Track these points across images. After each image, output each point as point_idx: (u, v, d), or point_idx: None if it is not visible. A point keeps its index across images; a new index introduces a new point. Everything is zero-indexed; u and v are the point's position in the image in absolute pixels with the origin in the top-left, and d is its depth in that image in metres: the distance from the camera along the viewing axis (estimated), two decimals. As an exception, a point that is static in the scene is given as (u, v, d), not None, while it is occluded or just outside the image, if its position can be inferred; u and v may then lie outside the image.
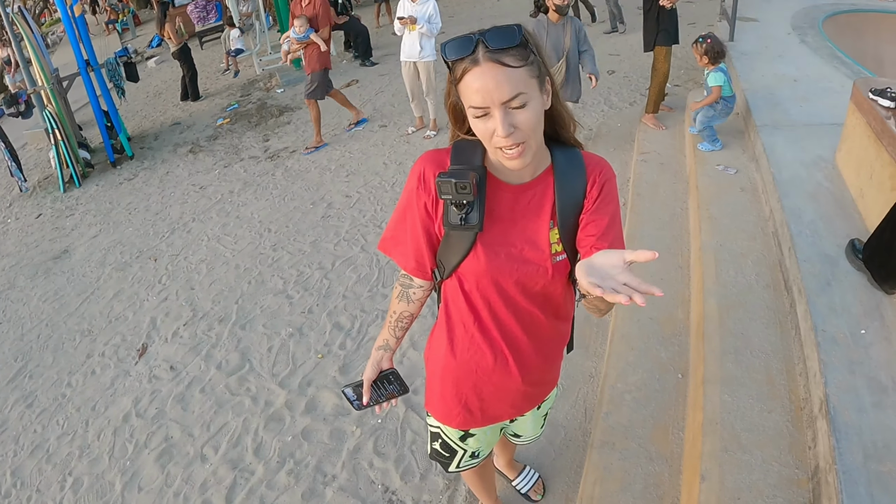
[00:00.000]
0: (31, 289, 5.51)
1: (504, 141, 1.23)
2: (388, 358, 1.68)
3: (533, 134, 1.26)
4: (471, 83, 1.21)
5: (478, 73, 1.20)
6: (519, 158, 1.26)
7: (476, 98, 1.21)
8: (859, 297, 2.55)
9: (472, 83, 1.21)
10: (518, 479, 2.61)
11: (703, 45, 4.47)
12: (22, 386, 4.24)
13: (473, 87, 1.21)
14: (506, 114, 1.21)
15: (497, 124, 1.21)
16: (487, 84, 1.19)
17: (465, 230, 1.40)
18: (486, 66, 1.19)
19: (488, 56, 1.19)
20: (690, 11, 9.58)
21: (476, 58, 1.20)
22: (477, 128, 1.27)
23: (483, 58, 1.20)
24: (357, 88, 9.29)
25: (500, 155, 1.28)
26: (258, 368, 3.87)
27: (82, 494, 3.25)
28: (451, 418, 1.75)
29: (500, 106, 1.20)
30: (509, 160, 1.27)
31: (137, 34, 18.24)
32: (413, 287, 1.62)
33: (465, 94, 1.25)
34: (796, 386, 2.39)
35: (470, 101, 1.23)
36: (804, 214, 3.15)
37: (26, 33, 7.53)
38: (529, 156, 1.28)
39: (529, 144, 1.26)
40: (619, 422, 2.61)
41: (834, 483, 1.84)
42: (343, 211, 5.71)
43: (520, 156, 1.26)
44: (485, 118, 1.24)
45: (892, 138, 2.84)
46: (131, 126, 9.28)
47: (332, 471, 3.04)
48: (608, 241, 1.36)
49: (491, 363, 1.59)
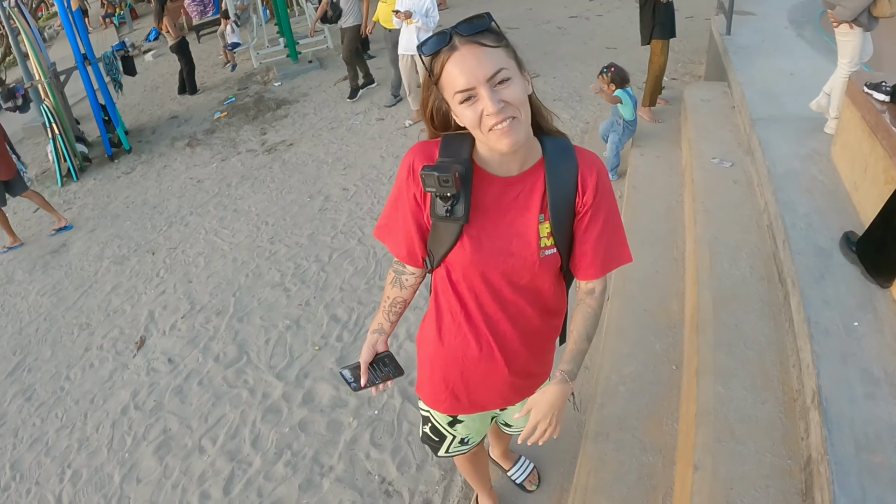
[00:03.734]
0: (30, 283, 5.52)
1: (493, 118, 1.24)
2: (383, 341, 1.70)
3: (522, 108, 1.27)
4: (452, 69, 1.24)
5: (458, 57, 1.23)
6: (510, 135, 1.27)
7: (461, 80, 1.23)
8: (852, 289, 2.56)
9: (453, 68, 1.24)
10: (513, 469, 2.64)
11: (609, 75, 4.85)
12: (21, 379, 4.25)
13: (456, 70, 1.24)
14: (493, 91, 1.23)
15: (485, 101, 1.23)
16: (469, 63, 1.22)
17: (450, 222, 1.42)
18: (464, 49, 1.23)
19: (465, 40, 1.23)
20: (688, 4, 9.56)
21: (453, 45, 1.24)
22: (465, 115, 1.28)
23: (460, 43, 1.23)
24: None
25: (492, 137, 1.28)
26: (255, 361, 3.88)
27: (81, 487, 3.27)
28: (439, 403, 1.78)
29: (486, 83, 1.23)
30: (501, 138, 1.27)
31: (134, 28, 18.17)
32: (405, 274, 1.64)
33: (448, 83, 1.27)
34: (789, 377, 2.40)
35: (455, 86, 1.25)
36: (798, 207, 3.16)
37: (23, 27, 7.51)
38: (521, 131, 1.29)
39: (520, 119, 1.27)
40: (613, 413, 2.63)
41: (826, 473, 1.85)
42: (340, 204, 5.72)
43: (511, 130, 1.26)
44: (472, 102, 1.25)
45: (887, 132, 2.85)
46: (129, 120, 9.26)
47: (328, 462, 3.06)
48: (598, 260, 1.48)
49: (476, 352, 1.61)
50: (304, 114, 8.37)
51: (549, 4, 11.50)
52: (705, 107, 5.10)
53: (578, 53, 8.52)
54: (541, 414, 1.44)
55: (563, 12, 10.82)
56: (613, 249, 1.50)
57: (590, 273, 1.51)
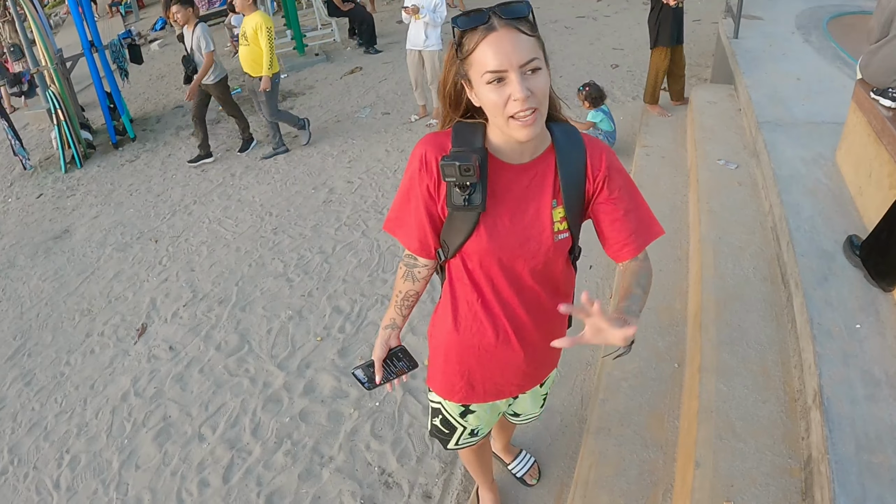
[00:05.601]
0: (31, 268, 5.51)
1: (520, 104, 1.25)
2: (396, 336, 1.72)
3: (544, 101, 1.29)
4: (487, 49, 1.24)
5: (495, 37, 1.24)
6: (531, 126, 1.28)
7: (493, 62, 1.24)
8: (855, 292, 2.57)
9: (488, 48, 1.24)
10: (514, 462, 2.65)
11: (583, 92, 5.24)
12: (21, 364, 4.25)
13: (491, 52, 1.24)
14: (523, 77, 1.24)
15: (514, 87, 1.24)
16: (505, 47, 1.23)
17: (468, 211, 1.42)
18: (503, 31, 1.23)
19: (504, 22, 1.24)
20: (696, 8, 9.57)
21: (492, 25, 1.24)
22: (489, 97, 1.28)
23: (499, 24, 1.24)
24: (361, 76, 9.28)
25: (513, 125, 1.29)
26: (257, 350, 3.89)
27: (79, 472, 3.27)
28: (454, 393, 1.78)
29: (518, 69, 1.23)
30: (522, 128, 1.28)
31: (141, 17, 18.14)
32: (418, 266, 1.64)
33: (478, 62, 1.27)
34: (791, 377, 2.42)
35: (486, 65, 1.25)
36: (803, 210, 3.17)
37: (31, 13, 7.50)
38: (539, 125, 1.31)
39: (541, 112, 1.29)
40: (615, 408, 2.64)
41: (826, 473, 1.86)
42: (345, 196, 5.72)
43: (533, 122, 1.28)
44: (500, 85, 1.26)
45: (892, 138, 2.86)
46: (134, 108, 9.25)
47: (329, 452, 3.07)
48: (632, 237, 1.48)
49: (493, 340, 1.62)
50: (310, 106, 8.37)
51: (557, 4, 11.50)
52: (712, 109, 5.11)
53: (585, 54, 8.53)
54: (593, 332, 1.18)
55: (571, 12, 10.82)
56: (644, 223, 1.51)
57: (626, 252, 1.49)
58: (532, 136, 1.30)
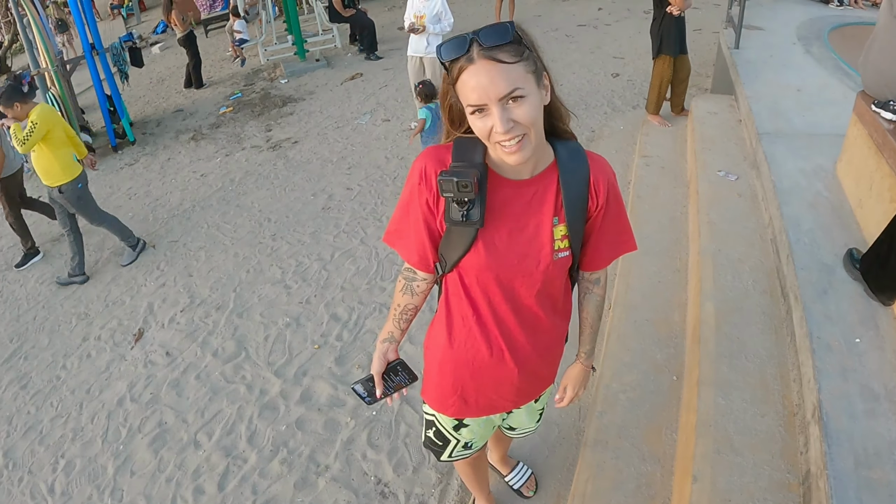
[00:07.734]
0: (29, 270, 5.50)
1: (503, 136, 1.24)
2: (394, 349, 1.71)
3: (532, 127, 1.27)
4: (467, 81, 1.23)
5: (473, 70, 1.22)
6: (518, 153, 1.28)
7: (473, 96, 1.23)
8: (855, 306, 2.57)
9: (468, 81, 1.23)
10: (511, 474, 2.63)
11: (417, 89, 5.46)
12: (17, 367, 4.24)
13: (470, 84, 1.23)
14: (503, 109, 1.22)
15: (495, 120, 1.23)
16: (482, 81, 1.21)
17: (466, 226, 1.41)
18: (480, 63, 1.21)
19: (483, 53, 1.21)
20: (697, 18, 9.58)
21: (471, 56, 1.22)
22: (475, 125, 1.28)
23: (478, 55, 1.21)
24: (361, 82, 9.28)
25: (500, 150, 1.30)
26: (254, 357, 3.88)
27: (74, 477, 3.26)
28: (446, 407, 1.77)
29: (497, 102, 1.22)
30: (509, 155, 1.29)
31: (142, 20, 18.18)
32: (417, 280, 1.63)
33: (462, 93, 1.27)
34: (790, 391, 2.41)
35: (467, 99, 1.25)
36: (803, 223, 3.16)
37: (32, 15, 7.51)
38: (529, 150, 1.30)
39: (529, 138, 1.28)
40: (612, 421, 2.63)
41: (824, 488, 1.85)
42: (344, 203, 5.71)
43: (519, 149, 1.27)
44: (483, 115, 1.25)
45: (893, 151, 2.85)
46: (134, 111, 9.26)
47: (325, 461, 3.05)
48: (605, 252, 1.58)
49: (487, 356, 1.61)
50: (310, 112, 8.37)
51: (558, 12, 11.53)
52: (712, 119, 5.11)
53: (586, 62, 8.53)
54: (574, 389, 1.83)
55: (572, 20, 10.84)
56: (619, 239, 1.57)
57: (595, 264, 1.60)
58: (521, 160, 1.30)
